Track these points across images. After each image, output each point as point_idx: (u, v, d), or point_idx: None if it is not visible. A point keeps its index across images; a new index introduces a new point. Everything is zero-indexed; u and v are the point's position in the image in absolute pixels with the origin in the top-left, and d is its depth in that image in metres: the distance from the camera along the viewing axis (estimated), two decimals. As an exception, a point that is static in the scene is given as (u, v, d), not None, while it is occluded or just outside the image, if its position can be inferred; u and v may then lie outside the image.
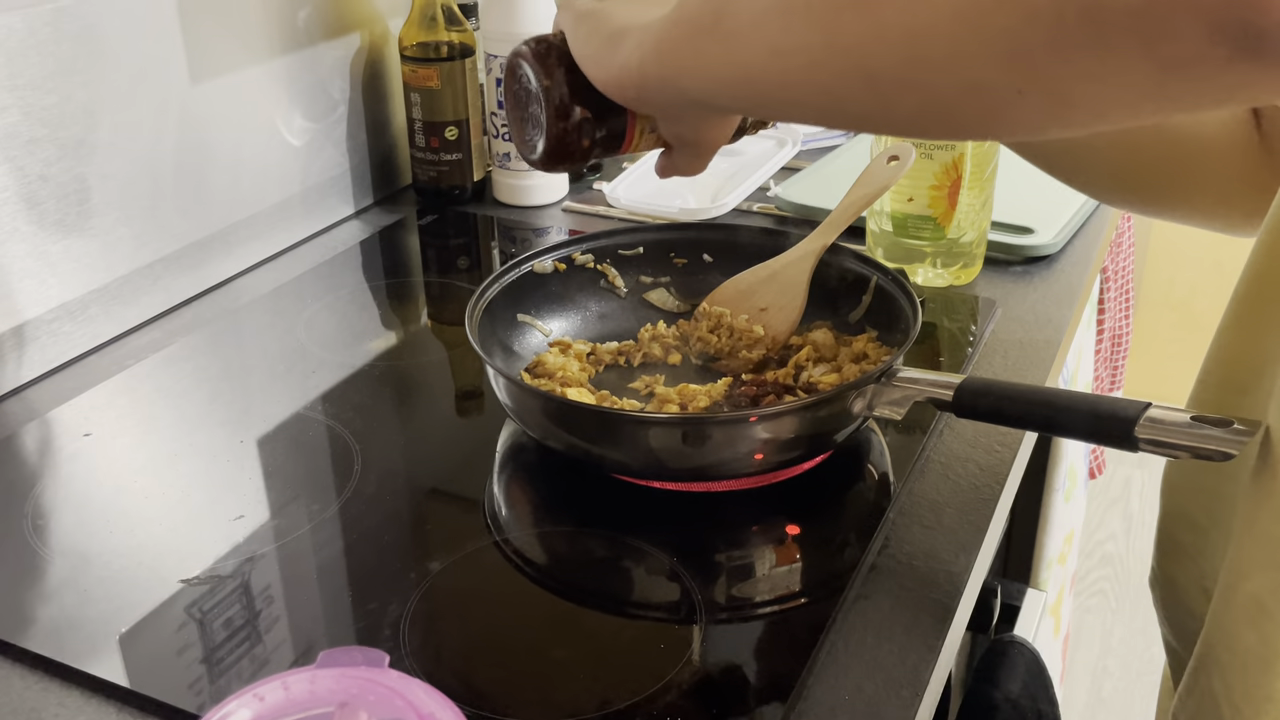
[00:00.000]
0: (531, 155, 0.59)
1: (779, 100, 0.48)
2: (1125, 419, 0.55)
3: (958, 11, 0.37)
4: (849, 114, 0.46)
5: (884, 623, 0.58)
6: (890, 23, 0.40)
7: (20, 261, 0.78)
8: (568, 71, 0.56)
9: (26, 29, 0.76)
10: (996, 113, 0.39)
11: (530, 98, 0.58)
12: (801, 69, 0.44)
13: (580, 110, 0.56)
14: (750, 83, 0.47)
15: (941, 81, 0.39)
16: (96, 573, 0.63)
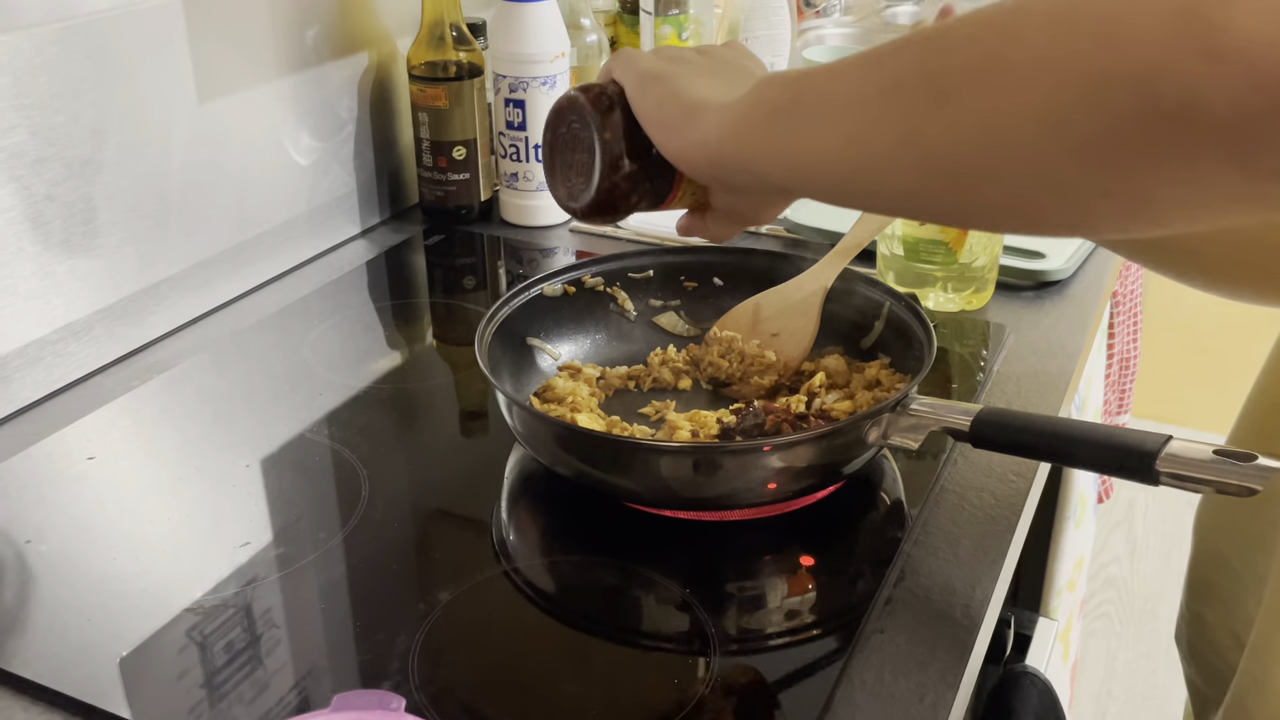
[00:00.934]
0: (573, 204, 0.59)
1: (856, 191, 0.47)
2: (1146, 452, 0.55)
3: (1039, 110, 0.36)
4: (928, 209, 0.46)
5: (901, 658, 0.57)
6: (970, 119, 0.39)
7: (25, 281, 0.78)
8: (627, 126, 0.55)
9: (34, 48, 0.75)
10: (1081, 213, 0.38)
11: (578, 145, 0.57)
12: (879, 161, 0.43)
13: (634, 166, 0.56)
14: (827, 172, 0.47)
15: (1022, 180, 0.38)
16: (98, 598, 0.62)
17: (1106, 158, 0.35)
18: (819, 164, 0.47)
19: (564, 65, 1.04)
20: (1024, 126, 0.37)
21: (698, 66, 0.55)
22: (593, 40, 1.11)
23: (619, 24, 1.30)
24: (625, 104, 0.56)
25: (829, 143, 0.45)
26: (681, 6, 1.18)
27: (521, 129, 1.05)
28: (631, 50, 0.58)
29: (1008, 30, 0.38)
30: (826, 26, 1.76)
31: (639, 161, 0.56)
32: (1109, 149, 0.35)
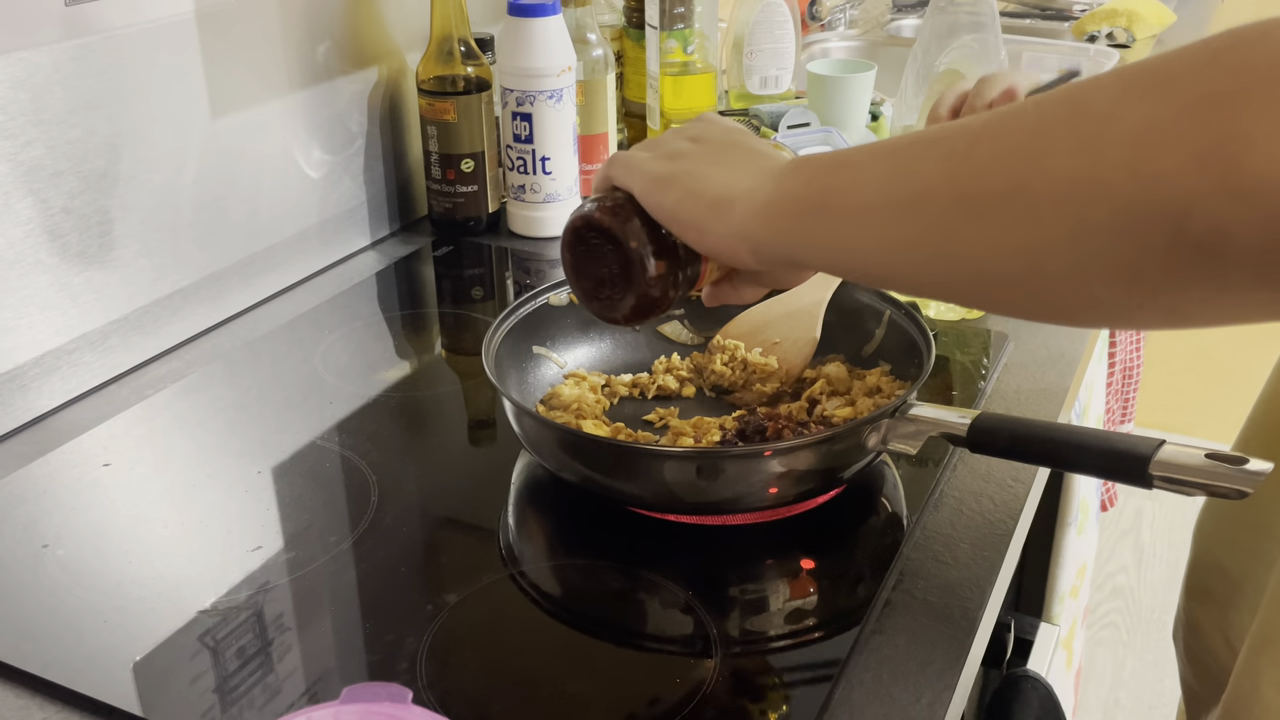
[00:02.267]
0: (612, 314, 0.59)
1: (898, 286, 0.48)
2: (1139, 456, 0.56)
3: (1074, 234, 0.37)
4: (964, 303, 0.47)
5: (899, 659, 0.59)
6: (1005, 237, 0.39)
7: (43, 293, 0.79)
8: (649, 229, 0.55)
9: (51, 65, 0.77)
10: (1113, 321, 0.40)
11: (601, 259, 0.57)
12: (916, 268, 0.44)
13: (664, 265, 0.56)
14: (867, 269, 0.47)
15: (1056, 294, 0.40)
16: (114, 601, 0.63)
17: (1138, 282, 0.37)
18: (857, 262, 0.47)
19: (570, 79, 1.06)
20: (1056, 252, 0.38)
21: (701, 157, 0.55)
22: (599, 55, 1.13)
23: (625, 38, 1.32)
24: (639, 208, 0.56)
25: (864, 245, 0.46)
26: (687, 21, 1.20)
27: (529, 142, 1.06)
28: (625, 154, 0.58)
29: (1033, 155, 0.38)
30: (831, 40, 1.78)
31: (667, 259, 0.56)
32: (1140, 274, 0.37)
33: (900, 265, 0.45)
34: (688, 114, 1.23)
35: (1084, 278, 0.38)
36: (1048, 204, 0.38)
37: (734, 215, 0.51)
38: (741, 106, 1.45)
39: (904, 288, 0.49)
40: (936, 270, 0.43)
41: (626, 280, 0.57)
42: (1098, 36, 1.69)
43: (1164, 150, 0.35)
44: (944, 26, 0.88)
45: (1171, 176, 0.34)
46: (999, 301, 0.43)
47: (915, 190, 0.43)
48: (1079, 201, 0.37)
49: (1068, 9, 1.84)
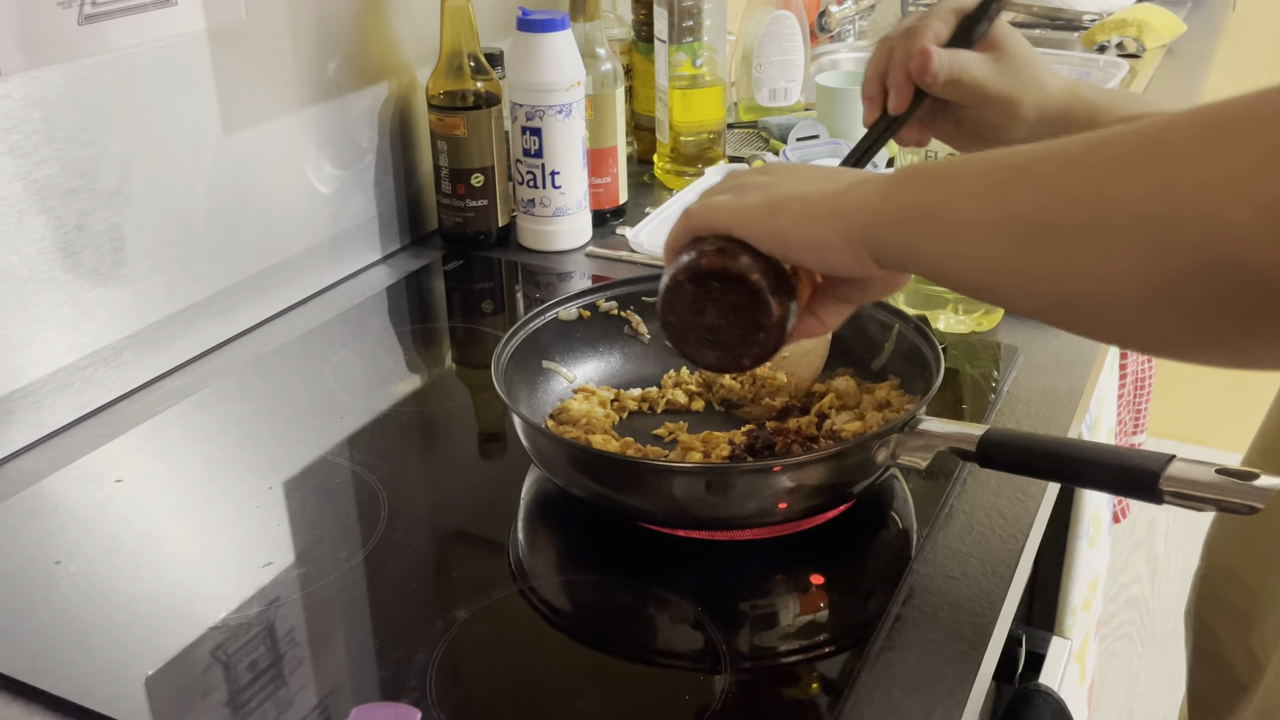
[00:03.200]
0: (739, 361, 0.58)
1: (984, 297, 0.51)
2: (1149, 472, 0.56)
3: (1143, 271, 0.38)
4: (1053, 324, 0.48)
5: (909, 675, 0.58)
6: (1083, 270, 0.41)
7: (56, 309, 0.80)
8: (762, 263, 0.55)
9: (65, 84, 0.78)
10: (1189, 356, 0.41)
11: (719, 308, 0.56)
12: (1004, 289, 0.46)
13: (785, 293, 0.56)
14: (960, 279, 0.49)
15: (1131, 327, 0.41)
16: (125, 617, 0.63)
17: (1206, 323, 0.38)
18: (955, 275, 0.49)
19: (579, 94, 1.06)
20: (1129, 287, 0.39)
21: (791, 182, 0.55)
22: (608, 69, 1.13)
23: (634, 52, 1.32)
24: (742, 244, 0.55)
25: (960, 260, 0.47)
26: (696, 34, 1.20)
27: (538, 156, 1.07)
28: (702, 203, 0.57)
29: (1113, 192, 0.40)
30: (840, 51, 1.78)
31: (785, 287, 0.56)
32: (1207, 317, 0.38)
33: (991, 284, 0.47)
34: (697, 126, 1.24)
35: (1154, 314, 0.39)
36: (1122, 239, 0.39)
37: (854, 224, 0.52)
38: (750, 119, 1.45)
39: (996, 303, 0.50)
40: (1023, 292, 0.45)
41: (750, 320, 0.56)
42: (1107, 46, 1.69)
43: (1232, 198, 0.35)
44: (952, 39, 0.88)
45: (1238, 225, 0.35)
46: (1081, 327, 0.45)
47: (1008, 215, 0.45)
48: (1151, 241, 0.38)
49: (1077, 19, 1.84)
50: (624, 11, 1.35)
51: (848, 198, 0.52)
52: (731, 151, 1.34)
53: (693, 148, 1.25)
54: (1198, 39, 1.82)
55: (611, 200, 1.17)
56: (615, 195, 1.17)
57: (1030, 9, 1.89)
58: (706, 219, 0.56)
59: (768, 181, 0.56)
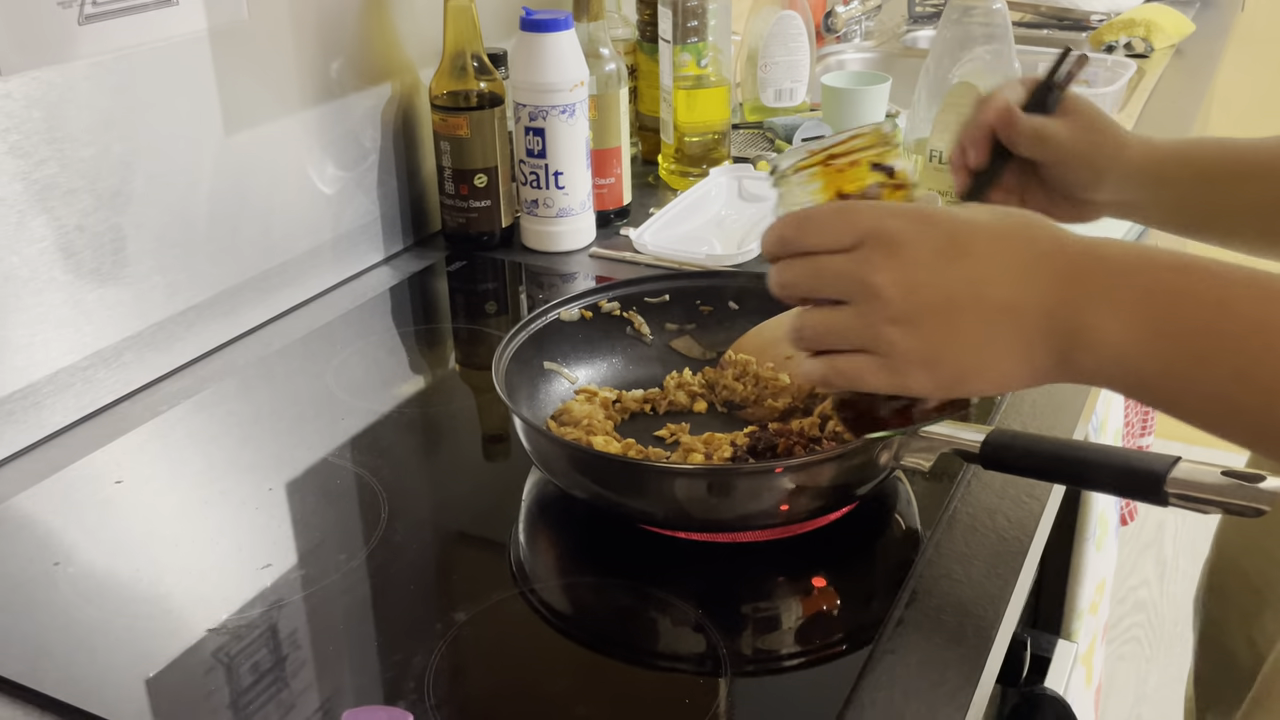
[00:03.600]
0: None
1: (1200, 424, 0.49)
2: (1154, 474, 0.55)
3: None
4: (1240, 445, 0.49)
5: (911, 678, 0.58)
6: (1269, 413, 0.44)
7: (57, 310, 0.80)
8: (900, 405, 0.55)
9: (66, 84, 0.78)
10: None
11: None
12: (1197, 414, 0.47)
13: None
14: (1179, 410, 0.49)
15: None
16: (125, 619, 0.63)
17: None
18: (1185, 411, 0.48)
19: (583, 94, 1.06)
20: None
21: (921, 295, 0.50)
22: (611, 69, 1.13)
23: (638, 52, 1.32)
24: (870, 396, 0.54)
25: (1205, 403, 0.48)
26: (700, 35, 1.20)
27: (542, 157, 1.07)
28: (838, 369, 0.52)
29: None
30: (846, 52, 1.77)
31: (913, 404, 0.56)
32: None
33: (1210, 423, 0.48)
34: (701, 127, 1.23)
35: None
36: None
37: (1075, 351, 0.49)
38: (755, 119, 1.44)
39: (1209, 430, 0.49)
40: (1215, 423, 0.46)
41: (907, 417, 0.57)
42: (1115, 46, 1.68)
43: None
44: (957, 38, 0.87)
45: None
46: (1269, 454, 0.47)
47: (1202, 367, 0.46)
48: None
49: (1085, 19, 1.83)
50: (628, 11, 1.34)
51: (1066, 319, 0.48)
52: (736, 152, 1.34)
53: (697, 148, 1.24)
54: (1206, 39, 1.81)
55: (615, 201, 1.17)
56: (619, 196, 1.17)
57: (1038, 9, 1.88)
58: (848, 381, 0.52)
59: (897, 309, 0.49)
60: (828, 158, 0.55)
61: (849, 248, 0.50)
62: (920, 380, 0.50)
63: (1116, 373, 0.48)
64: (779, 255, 0.53)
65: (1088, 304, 0.48)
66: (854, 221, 0.51)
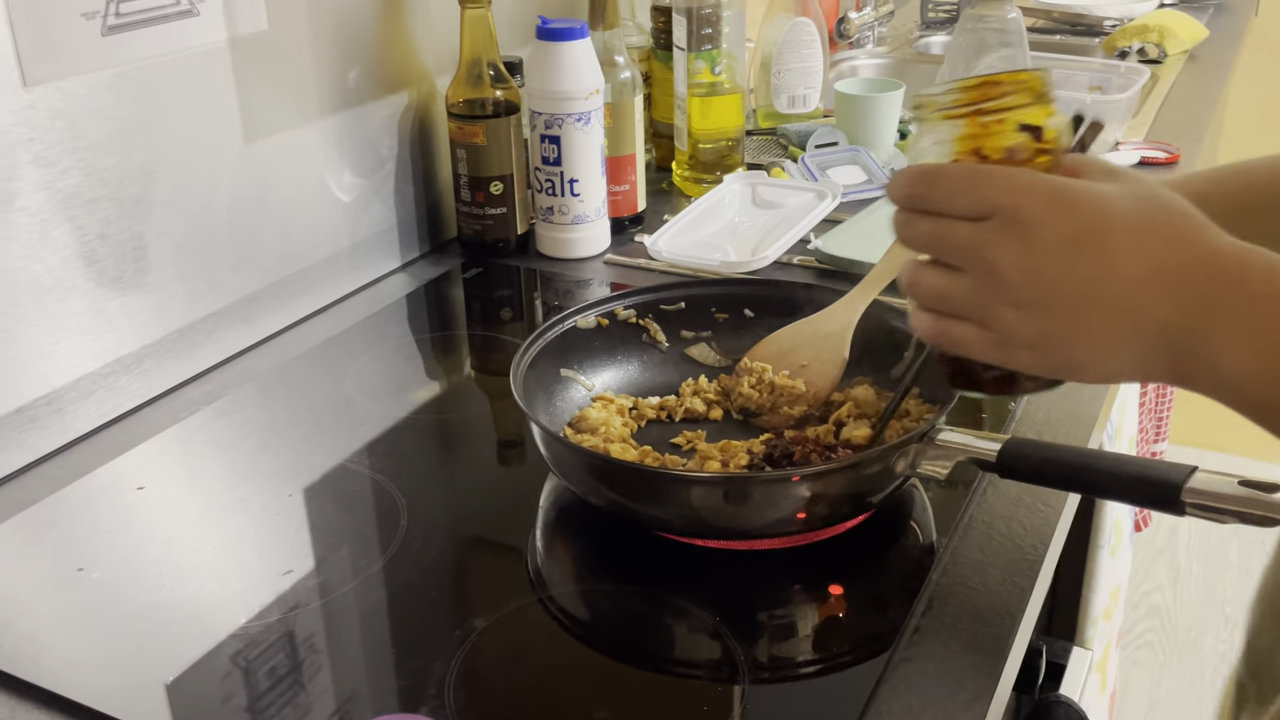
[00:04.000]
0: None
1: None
2: (1171, 484, 0.55)
3: None
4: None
5: (928, 686, 0.58)
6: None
7: (79, 317, 0.81)
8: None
9: (89, 94, 0.78)
10: None
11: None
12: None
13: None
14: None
15: None
16: (147, 624, 0.64)
17: None
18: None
19: (598, 102, 1.07)
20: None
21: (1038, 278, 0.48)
22: (626, 77, 1.13)
23: (652, 60, 1.33)
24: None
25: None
26: (714, 42, 1.20)
27: (557, 164, 1.07)
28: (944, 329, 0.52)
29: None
30: (859, 58, 1.78)
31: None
32: None
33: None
34: (715, 134, 1.24)
35: None
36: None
37: (1191, 356, 0.47)
38: (769, 126, 1.45)
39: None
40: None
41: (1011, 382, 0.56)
42: (1129, 52, 1.68)
43: None
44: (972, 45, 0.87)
45: None
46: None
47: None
48: None
49: (1098, 24, 1.83)
50: (643, 19, 1.35)
51: (1192, 338, 0.46)
52: (750, 159, 1.34)
53: (711, 155, 1.25)
54: (1220, 44, 1.81)
55: (630, 208, 1.17)
56: (634, 203, 1.17)
57: (1051, 15, 1.88)
58: (954, 347, 0.52)
59: (1016, 293, 0.48)
60: (976, 110, 0.53)
61: (977, 218, 0.49)
62: (1027, 362, 0.50)
63: (1233, 395, 0.47)
64: (905, 207, 0.52)
65: (1218, 330, 0.46)
66: (986, 193, 0.49)
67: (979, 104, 0.52)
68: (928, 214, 0.51)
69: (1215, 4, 2.02)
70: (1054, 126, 0.53)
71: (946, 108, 0.53)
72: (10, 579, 0.68)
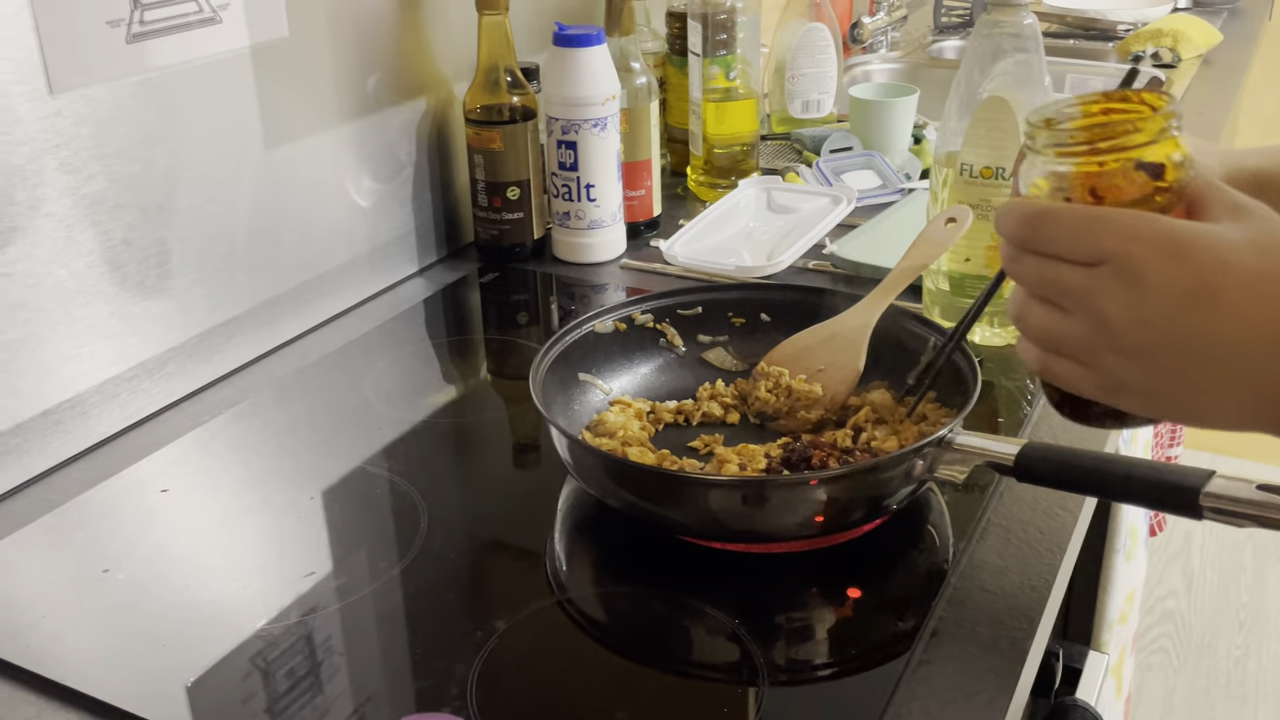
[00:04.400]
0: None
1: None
2: (1189, 488, 0.55)
3: None
4: None
5: (947, 689, 0.59)
6: None
7: (103, 322, 0.82)
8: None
9: (113, 101, 0.79)
10: None
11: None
12: None
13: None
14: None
15: None
16: (170, 625, 0.65)
17: None
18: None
19: (615, 108, 1.07)
20: None
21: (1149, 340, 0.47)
22: (642, 83, 1.14)
23: (667, 65, 1.33)
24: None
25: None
26: (729, 48, 1.21)
27: (573, 169, 1.08)
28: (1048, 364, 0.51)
29: None
30: (873, 63, 1.78)
31: None
32: None
33: None
34: (730, 139, 1.24)
35: None
36: None
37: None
38: (783, 131, 1.45)
39: None
40: None
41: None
42: (1143, 56, 1.68)
43: None
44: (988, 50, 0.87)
45: None
46: None
47: None
48: None
49: (1112, 29, 1.83)
50: (658, 25, 1.35)
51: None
52: (765, 164, 1.34)
53: (726, 160, 1.25)
54: (1234, 48, 1.81)
55: (646, 213, 1.18)
56: (649, 208, 1.18)
57: (1065, 19, 1.88)
58: (1062, 384, 0.52)
59: (1124, 342, 0.47)
60: (1091, 147, 0.50)
61: (1088, 264, 0.48)
62: (1136, 407, 0.50)
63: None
64: (1014, 245, 0.51)
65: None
66: (1098, 240, 0.47)
67: (1095, 142, 0.50)
68: (1037, 255, 0.50)
69: (1229, 8, 2.02)
70: (1176, 163, 0.50)
71: (1061, 144, 0.51)
72: (37, 580, 0.69)
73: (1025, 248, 0.50)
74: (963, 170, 0.87)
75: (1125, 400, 0.50)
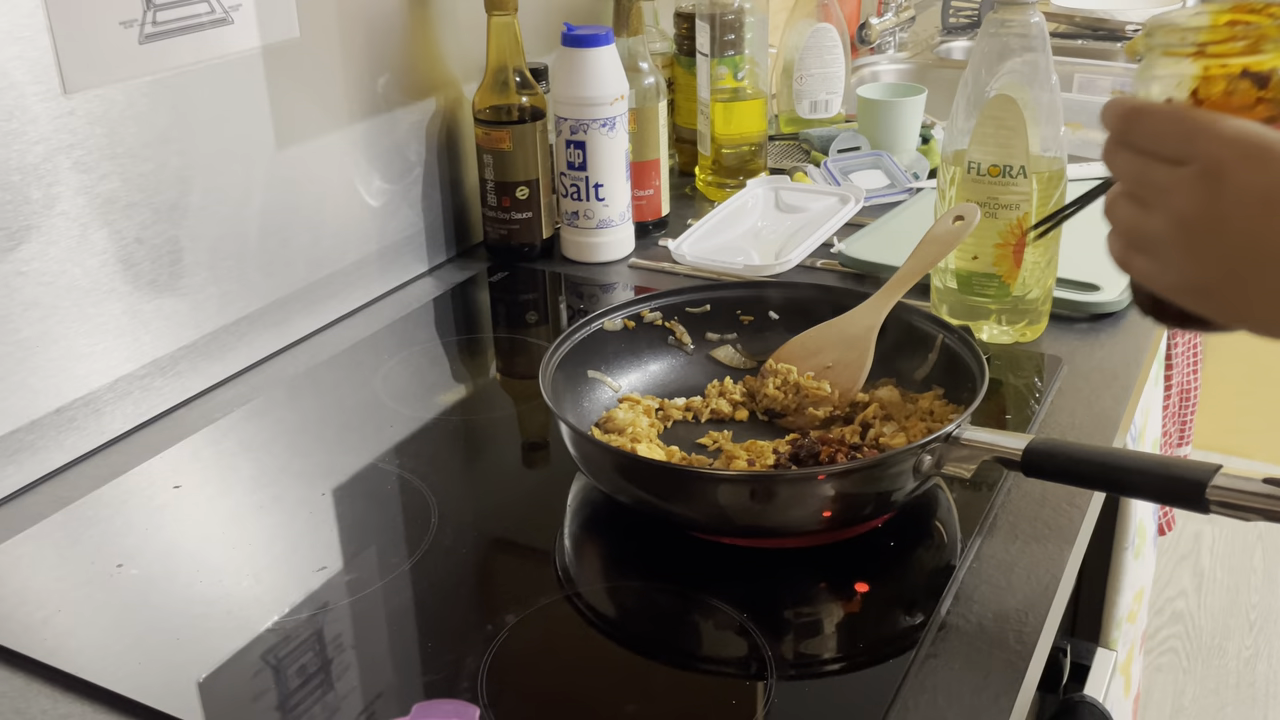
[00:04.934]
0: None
1: None
2: (1196, 482, 0.56)
3: None
4: None
5: (954, 683, 0.59)
6: None
7: (116, 320, 0.82)
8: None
9: (126, 101, 0.80)
10: None
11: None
12: None
13: None
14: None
15: None
16: (183, 620, 0.65)
17: None
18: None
19: (623, 108, 1.08)
20: None
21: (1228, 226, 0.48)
22: (650, 83, 1.14)
23: (676, 65, 1.34)
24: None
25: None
26: (737, 48, 1.21)
27: (582, 169, 1.08)
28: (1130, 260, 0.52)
29: None
30: (881, 63, 1.78)
31: None
32: None
33: None
34: (738, 139, 1.25)
35: None
36: None
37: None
38: (791, 131, 1.46)
39: None
40: None
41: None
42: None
43: None
44: (995, 50, 0.88)
45: None
46: None
47: None
48: None
49: (1120, 29, 1.83)
50: (666, 26, 1.36)
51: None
52: (773, 164, 1.35)
53: (734, 160, 1.26)
54: (1243, 48, 1.80)
55: (654, 212, 1.18)
56: (658, 207, 1.18)
57: (1073, 19, 1.88)
58: (1138, 277, 0.53)
59: (1198, 242, 0.48)
60: (1200, 50, 0.50)
61: (1176, 162, 0.49)
62: (1198, 306, 0.50)
63: None
64: (1112, 138, 0.52)
65: None
66: (1188, 140, 0.48)
67: (1207, 49, 0.50)
68: (1131, 149, 0.51)
69: (1238, 8, 2.01)
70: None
71: (1170, 50, 0.51)
72: (52, 575, 0.70)
73: (1121, 141, 0.51)
74: (970, 169, 0.87)
75: (1191, 300, 0.50)
